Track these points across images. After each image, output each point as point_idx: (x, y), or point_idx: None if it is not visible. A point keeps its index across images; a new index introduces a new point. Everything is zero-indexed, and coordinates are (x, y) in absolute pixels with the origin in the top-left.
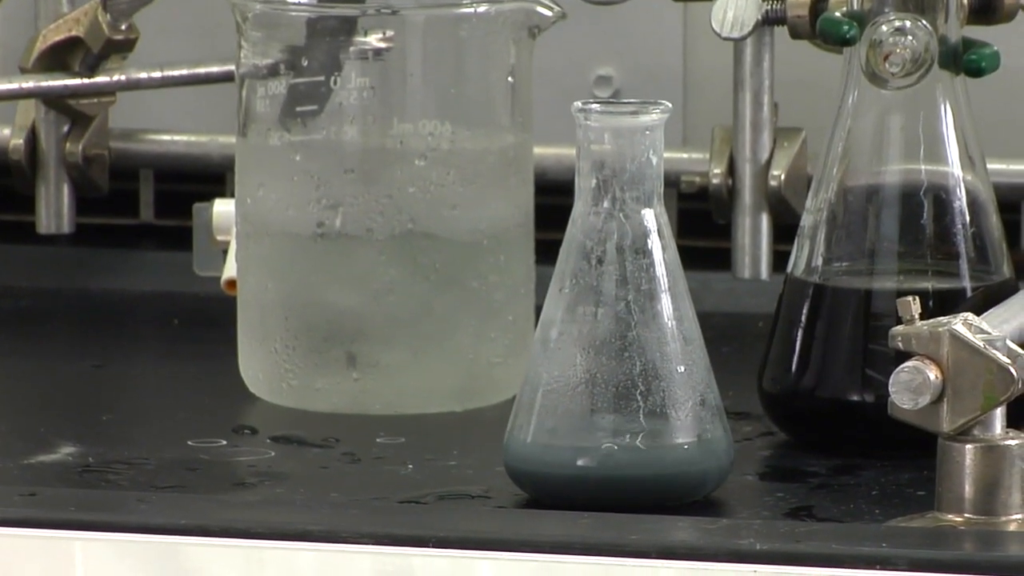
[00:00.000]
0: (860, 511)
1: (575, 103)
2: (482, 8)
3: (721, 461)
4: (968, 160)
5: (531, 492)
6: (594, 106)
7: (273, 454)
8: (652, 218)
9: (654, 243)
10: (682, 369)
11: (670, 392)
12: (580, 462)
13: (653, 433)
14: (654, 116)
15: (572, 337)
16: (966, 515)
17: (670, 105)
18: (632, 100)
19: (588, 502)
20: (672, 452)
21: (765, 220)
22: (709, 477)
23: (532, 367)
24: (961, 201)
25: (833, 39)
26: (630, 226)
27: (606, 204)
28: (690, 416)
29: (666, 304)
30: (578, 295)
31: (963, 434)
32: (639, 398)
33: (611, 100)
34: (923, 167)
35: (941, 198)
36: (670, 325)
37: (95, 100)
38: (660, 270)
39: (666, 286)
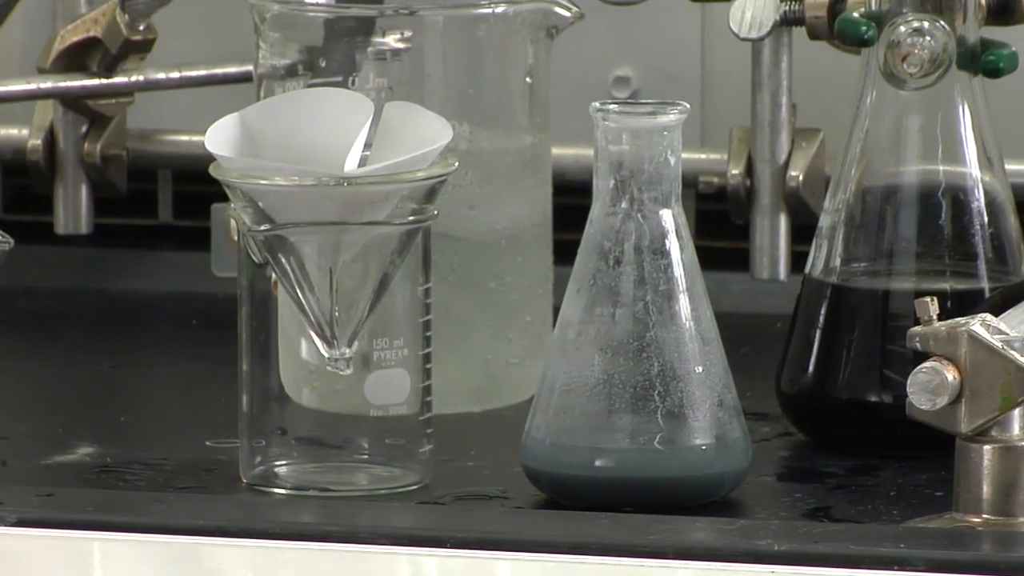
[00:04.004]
0: (878, 512)
1: (593, 103)
2: (500, 8)
3: (739, 462)
4: (986, 160)
5: (548, 492)
6: (612, 106)
7: (294, 454)
8: (670, 219)
9: (672, 244)
10: (700, 370)
11: (688, 393)
12: (598, 463)
13: (671, 434)
14: (672, 117)
15: (590, 338)
16: (984, 516)
17: (688, 106)
18: (650, 101)
19: (606, 503)
20: (690, 453)
21: (783, 221)
22: (727, 478)
23: (550, 367)
24: (979, 202)
25: (851, 40)
26: (648, 227)
27: (624, 205)
28: (708, 417)
29: (684, 305)
30: (596, 296)
31: (981, 435)
32: (657, 399)
33: (629, 101)
34: (941, 168)
35: (959, 199)
36: (688, 326)
37: (113, 101)
38: (678, 271)
39: (684, 287)
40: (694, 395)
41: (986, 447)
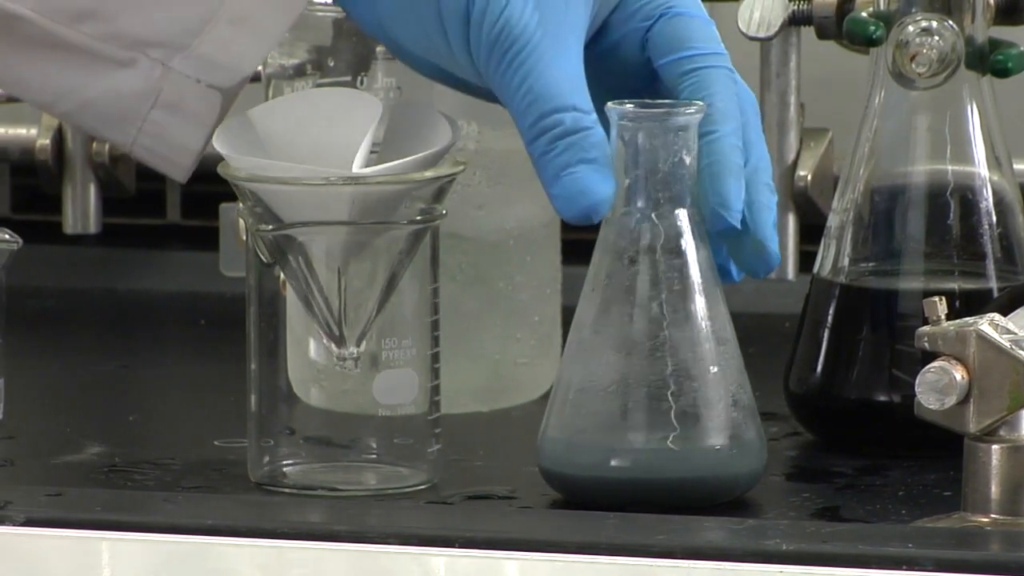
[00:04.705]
0: (886, 511)
1: (608, 103)
2: None
3: (753, 463)
4: (995, 160)
5: (563, 493)
6: (627, 106)
7: (302, 454)
8: (685, 218)
9: (687, 243)
10: (715, 370)
11: (703, 393)
12: (612, 463)
13: (685, 434)
14: (687, 116)
15: (604, 338)
16: (992, 515)
17: (703, 104)
18: (665, 100)
19: (620, 503)
20: (704, 454)
21: (791, 220)
22: (742, 479)
23: (565, 367)
24: (987, 201)
25: (860, 39)
26: (663, 226)
27: (639, 204)
28: (723, 417)
29: (699, 305)
30: (611, 296)
31: (989, 434)
32: (671, 399)
33: (644, 100)
34: (949, 167)
35: (967, 198)
36: (703, 326)
37: None
38: (693, 270)
39: (699, 287)
40: (709, 395)
41: (994, 447)
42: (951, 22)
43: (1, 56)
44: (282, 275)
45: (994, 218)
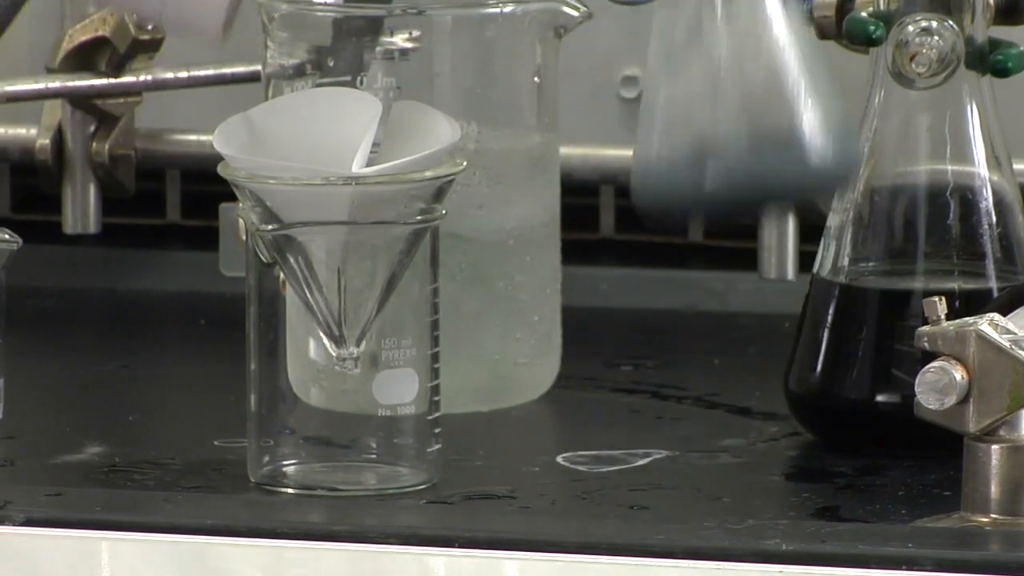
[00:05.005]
0: (886, 511)
1: None
2: (508, 8)
3: (840, 163)
4: (994, 160)
5: (659, 216)
6: None
7: (302, 454)
8: None
9: None
10: (801, 80)
11: (788, 105)
12: (708, 184)
13: (776, 146)
14: None
15: (689, 57)
16: (992, 515)
17: None
18: None
19: (714, 218)
20: (792, 157)
21: (791, 220)
22: (830, 178)
23: (649, 91)
24: (987, 201)
25: (859, 39)
26: None
27: None
28: (811, 125)
29: (779, 14)
30: (690, 10)
31: (989, 434)
32: (762, 113)
33: None
34: (949, 167)
35: (967, 198)
36: (785, 35)
37: (121, 100)
38: None
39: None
40: (795, 107)
41: (994, 447)
42: (951, 22)
43: None
44: (282, 275)
45: (994, 218)
